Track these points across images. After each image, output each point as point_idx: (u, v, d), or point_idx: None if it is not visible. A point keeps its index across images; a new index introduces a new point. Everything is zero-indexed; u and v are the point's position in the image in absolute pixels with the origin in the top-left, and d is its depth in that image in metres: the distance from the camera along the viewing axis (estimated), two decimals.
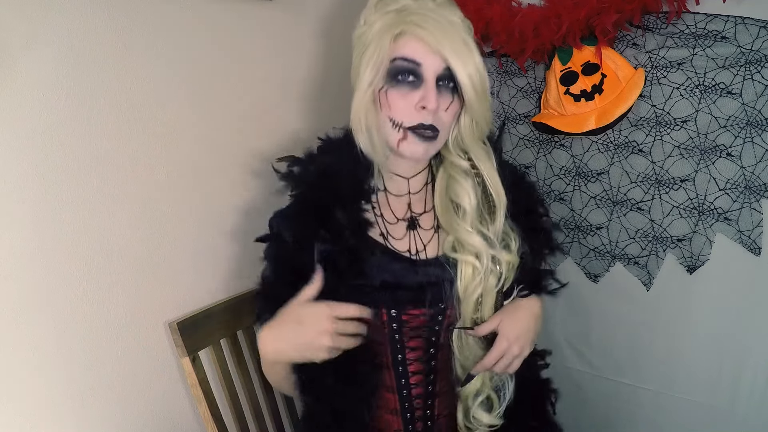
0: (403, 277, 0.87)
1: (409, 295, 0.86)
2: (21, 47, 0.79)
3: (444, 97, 0.81)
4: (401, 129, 0.82)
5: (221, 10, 1.07)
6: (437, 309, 0.88)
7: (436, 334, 0.90)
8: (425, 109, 0.80)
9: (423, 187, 0.93)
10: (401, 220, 0.90)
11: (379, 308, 0.85)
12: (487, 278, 0.86)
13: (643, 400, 1.45)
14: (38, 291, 0.84)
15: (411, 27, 0.78)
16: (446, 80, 0.81)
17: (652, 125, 1.29)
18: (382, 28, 0.80)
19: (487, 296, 0.87)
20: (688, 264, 1.30)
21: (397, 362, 0.90)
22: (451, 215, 0.87)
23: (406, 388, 0.91)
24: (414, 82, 0.80)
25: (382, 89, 0.82)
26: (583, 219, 1.45)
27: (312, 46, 1.29)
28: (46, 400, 0.86)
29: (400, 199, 0.91)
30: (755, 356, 1.25)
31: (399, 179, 0.90)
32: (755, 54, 1.14)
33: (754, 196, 1.19)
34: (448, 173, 0.90)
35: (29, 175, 0.82)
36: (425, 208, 0.92)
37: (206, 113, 1.07)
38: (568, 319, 1.55)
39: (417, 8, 0.79)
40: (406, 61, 0.79)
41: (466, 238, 0.85)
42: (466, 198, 0.86)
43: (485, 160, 0.88)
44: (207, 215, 1.09)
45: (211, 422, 1.00)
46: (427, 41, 0.78)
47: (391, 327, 0.87)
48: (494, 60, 1.50)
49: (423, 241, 0.90)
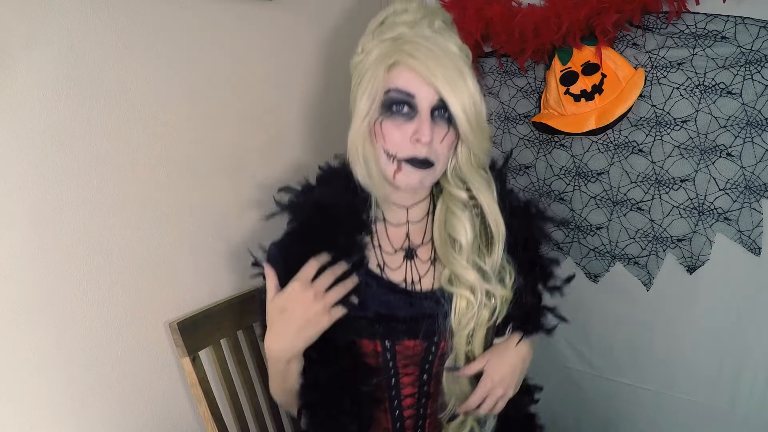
0: (398, 309, 0.86)
1: (403, 327, 0.86)
2: (21, 47, 0.79)
3: (439, 127, 0.80)
4: (396, 160, 0.80)
5: (221, 10, 1.07)
6: (431, 341, 0.88)
7: (429, 363, 0.91)
8: (419, 141, 0.78)
9: (423, 218, 0.91)
10: (399, 250, 0.89)
11: (374, 339, 0.86)
12: (481, 312, 0.85)
13: (643, 400, 1.45)
14: (38, 291, 0.84)
15: (404, 57, 0.77)
16: (441, 110, 0.79)
17: (652, 125, 1.29)
18: (378, 57, 0.79)
19: (478, 330, 0.87)
20: (688, 264, 1.30)
21: (390, 387, 0.90)
22: (448, 249, 0.86)
23: (398, 409, 0.92)
24: (408, 114, 0.79)
25: (377, 120, 0.80)
26: (583, 219, 1.45)
27: (312, 46, 1.29)
28: (46, 400, 0.86)
29: (398, 229, 0.90)
30: (755, 356, 1.25)
31: (398, 209, 0.89)
32: (755, 54, 1.14)
33: (754, 196, 1.19)
34: (447, 205, 0.88)
35: (29, 175, 0.82)
36: (423, 239, 0.91)
37: (206, 113, 1.07)
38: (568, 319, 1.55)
39: (412, 36, 0.78)
40: (399, 93, 0.78)
41: (462, 273, 0.84)
42: (463, 232, 0.85)
43: (485, 190, 0.86)
44: (207, 215, 1.09)
45: (211, 422, 1.01)
46: (419, 72, 0.76)
47: (385, 356, 0.87)
48: (494, 60, 1.50)
49: (419, 273, 0.89)
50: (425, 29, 0.79)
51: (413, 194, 0.87)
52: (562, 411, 1.63)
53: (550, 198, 1.50)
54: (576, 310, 1.52)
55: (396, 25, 0.80)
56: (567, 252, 1.51)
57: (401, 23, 0.80)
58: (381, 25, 0.82)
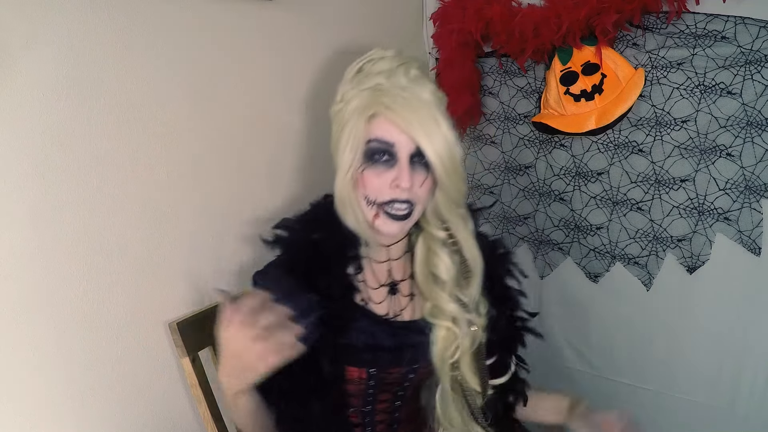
0: (383, 339, 0.91)
1: (389, 355, 0.91)
2: (21, 47, 0.79)
3: (418, 173, 0.84)
4: (375, 206, 0.85)
5: (221, 10, 1.07)
6: (410, 368, 0.93)
7: (404, 390, 0.95)
8: (399, 187, 0.82)
9: (403, 255, 0.96)
10: (382, 285, 0.94)
11: (361, 367, 0.90)
12: (464, 340, 0.91)
13: (643, 400, 1.45)
14: (38, 291, 0.84)
15: (382, 109, 0.81)
16: (419, 157, 0.83)
17: (652, 125, 1.29)
18: (357, 108, 0.83)
19: (464, 357, 0.92)
20: (688, 264, 1.30)
21: (364, 413, 0.95)
22: (430, 285, 0.92)
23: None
24: (389, 161, 0.83)
25: (359, 169, 0.84)
26: (583, 219, 1.45)
27: (312, 46, 1.28)
28: (46, 400, 0.86)
29: (381, 266, 0.95)
30: (755, 356, 1.25)
31: (380, 247, 0.93)
32: (755, 54, 1.14)
33: (754, 196, 1.19)
34: (427, 245, 0.93)
35: (29, 175, 0.82)
36: (404, 275, 0.96)
37: (206, 113, 1.07)
38: (568, 319, 1.55)
39: (389, 87, 0.82)
40: (380, 143, 0.82)
41: (444, 306, 0.90)
42: (444, 270, 0.91)
43: (462, 228, 0.91)
44: (207, 215, 1.09)
45: (211, 422, 1.00)
46: (397, 123, 0.81)
47: (368, 383, 0.91)
48: (494, 60, 1.50)
49: (401, 305, 0.95)
50: (401, 78, 0.83)
51: (393, 237, 0.92)
52: None
53: (550, 198, 1.50)
54: (576, 310, 1.53)
55: (373, 74, 0.84)
56: (567, 252, 1.51)
57: (378, 72, 0.84)
58: (359, 73, 0.86)
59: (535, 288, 1.59)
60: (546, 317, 1.59)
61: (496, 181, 1.60)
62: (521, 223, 1.58)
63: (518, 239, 1.61)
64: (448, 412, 0.95)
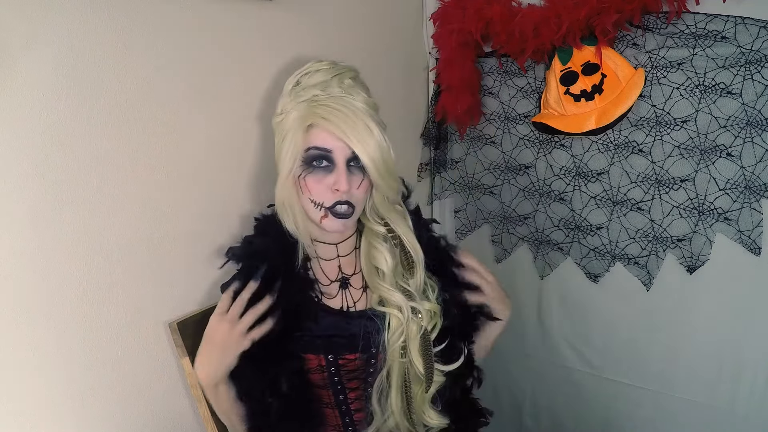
0: (337, 328, 0.98)
1: (343, 341, 0.98)
2: (21, 47, 0.79)
3: (355, 176, 0.92)
4: (322, 208, 0.92)
5: (221, 10, 1.07)
6: (369, 354, 0.99)
7: (372, 376, 1.01)
8: (338, 191, 0.90)
9: (352, 251, 1.04)
10: (334, 281, 1.02)
11: (318, 354, 0.97)
12: (409, 327, 0.97)
13: (643, 400, 1.45)
14: (38, 291, 0.84)
15: (319, 120, 0.89)
16: (356, 161, 0.91)
17: (652, 125, 1.29)
18: (296, 119, 0.90)
19: (411, 342, 0.97)
20: (688, 264, 1.30)
21: (339, 402, 1.02)
22: (373, 277, 0.99)
23: (351, 426, 1.04)
24: (327, 167, 0.91)
25: (301, 176, 0.92)
26: (583, 219, 1.45)
27: (312, 46, 1.28)
28: (46, 400, 0.86)
29: (330, 263, 1.02)
30: (755, 356, 1.25)
31: (328, 246, 1.01)
32: (755, 54, 1.14)
33: (754, 196, 1.19)
34: (369, 240, 1.01)
35: (29, 175, 0.82)
36: (354, 270, 1.04)
37: (206, 113, 1.07)
38: (568, 319, 1.55)
39: (324, 99, 0.89)
40: (318, 150, 0.90)
41: (387, 296, 0.97)
42: (383, 261, 0.98)
43: (401, 223, 1.00)
44: (207, 215, 1.09)
45: (211, 422, 1.01)
46: (333, 131, 0.88)
47: (329, 371, 0.98)
48: (494, 60, 1.50)
49: (353, 299, 1.02)
50: (335, 89, 0.90)
51: (340, 234, 1.00)
52: (562, 411, 1.63)
53: (550, 198, 1.50)
54: (576, 310, 1.53)
55: (309, 86, 0.91)
56: (567, 252, 1.51)
57: (314, 85, 0.91)
58: (296, 86, 0.93)
59: (535, 288, 1.60)
60: (546, 317, 1.59)
61: (496, 181, 1.60)
62: (521, 223, 1.58)
63: (518, 239, 1.61)
64: (387, 399, 1.00)
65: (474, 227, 1.69)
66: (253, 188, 1.18)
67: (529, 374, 1.67)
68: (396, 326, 0.97)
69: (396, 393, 0.99)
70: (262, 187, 1.19)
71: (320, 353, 0.97)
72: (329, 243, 1.01)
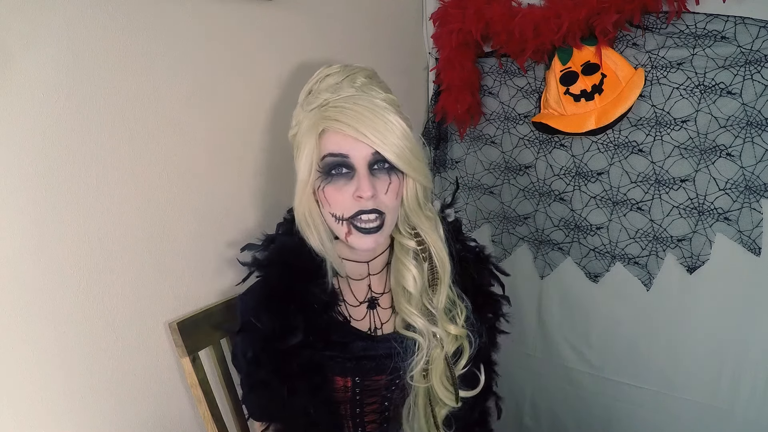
0: (365, 350, 0.91)
1: (372, 364, 0.92)
2: (21, 47, 0.79)
3: (381, 180, 0.83)
4: (344, 222, 0.84)
5: (221, 10, 1.07)
6: (395, 375, 0.93)
7: (391, 392, 0.97)
8: (362, 198, 0.81)
9: (383, 269, 0.96)
10: (363, 302, 0.94)
11: (346, 377, 0.91)
12: (431, 352, 0.90)
13: (643, 400, 1.45)
14: (38, 291, 0.84)
15: (330, 123, 0.80)
16: (380, 162, 0.82)
17: (652, 125, 1.29)
18: (308, 127, 0.83)
19: (433, 366, 0.91)
20: (688, 264, 1.30)
21: (355, 415, 0.97)
22: (399, 299, 0.92)
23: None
24: (348, 174, 0.82)
25: (319, 188, 0.84)
26: (583, 219, 1.45)
27: (312, 46, 1.28)
28: (45, 400, 0.86)
29: (360, 283, 0.95)
30: (755, 356, 1.25)
31: (358, 264, 0.93)
32: (755, 54, 1.14)
33: (754, 196, 1.19)
34: (398, 257, 0.93)
35: (29, 175, 0.82)
36: (384, 288, 0.96)
37: (206, 113, 1.07)
38: (568, 319, 1.55)
39: (335, 101, 0.81)
40: (334, 156, 0.81)
41: (412, 321, 0.90)
42: (412, 282, 0.90)
43: (431, 232, 0.90)
44: (207, 215, 1.09)
45: (211, 422, 1.01)
46: (347, 132, 0.79)
47: (354, 391, 0.93)
48: (494, 60, 1.50)
49: (381, 320, 0.95)
50: (347, 89, 0.82)
51: (372, 252, 0.91)
52: (562, 411, 1.63)
53: (550, 198, 1.50)
54: (576, 310, 1.53)
55: (320, 92, 0.84)
56: (567, 252, 1.51)
57: (325, 89, 0.83)
58: (308, 95, 0.86)
59: (535, 288, 1.60)
60: (546, 317, 1.59)
61: (496, 181, 1.60)
62: (521, 223, 1.58)
63: (518, 239, 1.61)
64: (415, 421, 0.95)
65: (474, 227, 1.69)
66: (254, 187, 1.18)
67: (529, 374, 1.67)
68: (419, 350, 0.91)
69: (422, 415, 0.95)
70: (262, 187, 1.19)
71: (347, 376, 0.92)
72: (360, 261, 0.93)
